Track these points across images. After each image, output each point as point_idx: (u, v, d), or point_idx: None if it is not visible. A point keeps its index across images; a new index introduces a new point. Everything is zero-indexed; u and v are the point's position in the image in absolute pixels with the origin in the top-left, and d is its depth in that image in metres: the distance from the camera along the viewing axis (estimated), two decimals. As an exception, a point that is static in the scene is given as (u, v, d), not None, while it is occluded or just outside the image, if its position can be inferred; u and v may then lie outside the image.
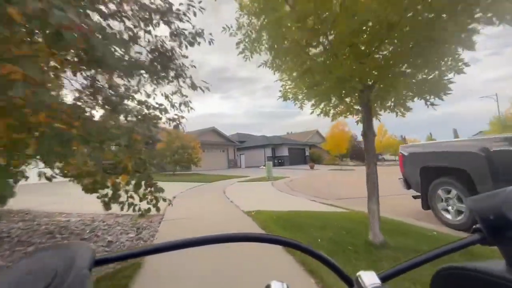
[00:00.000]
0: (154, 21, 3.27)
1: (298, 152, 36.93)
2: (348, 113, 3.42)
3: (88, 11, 2.11)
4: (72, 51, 2.19)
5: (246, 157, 34.52)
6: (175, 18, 3.40)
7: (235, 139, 32.16)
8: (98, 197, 3.14)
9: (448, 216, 4.11)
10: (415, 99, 2.84)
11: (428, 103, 2.68)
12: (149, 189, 3.21)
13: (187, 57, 3.75)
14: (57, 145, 1.79)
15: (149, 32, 3.34)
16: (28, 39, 1.73)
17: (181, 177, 17.78)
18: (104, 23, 2.58)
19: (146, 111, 3.27)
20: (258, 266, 2.56)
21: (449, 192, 4.12)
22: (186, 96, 3.85)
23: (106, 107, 2.91)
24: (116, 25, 2.85)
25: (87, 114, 2.63)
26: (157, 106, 3.35)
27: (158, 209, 3.36)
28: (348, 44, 2.39)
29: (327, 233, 3.54)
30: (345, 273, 0.33)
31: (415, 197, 4.85)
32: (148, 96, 3.63)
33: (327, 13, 2.24)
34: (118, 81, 3.14)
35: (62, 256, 0.25)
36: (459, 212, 3.97)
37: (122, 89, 3.23)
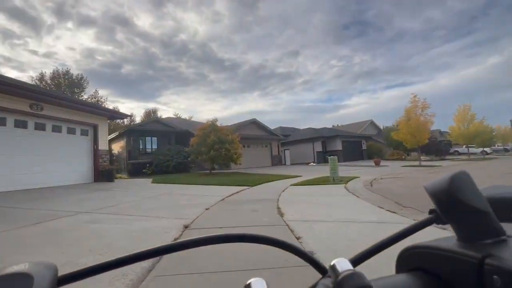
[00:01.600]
0: None
1: (354, 146, 31.34)
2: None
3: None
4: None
5: (291, 152, 30.36)
6: None
7: (278, 133, 28.20)
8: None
9: None
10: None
11: None
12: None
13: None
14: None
15: None
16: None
17: (219, 177, 14.57)
18: None
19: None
20: None
21: None
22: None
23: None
24: None
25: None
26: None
27: None
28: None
29: None
30: (319, 262, 0.35)
31: None
32: None
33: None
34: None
35: (19, 279, 0.23)
36: None
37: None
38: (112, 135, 23.57)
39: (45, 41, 59.49)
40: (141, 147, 24.09)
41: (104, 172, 12.32)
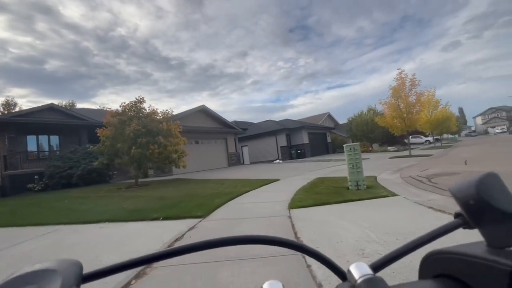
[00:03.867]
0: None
1: (319, 139, 28.00)
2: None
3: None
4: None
5: (250, 149, 25.36)
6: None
7: (235, 125, 22.74)
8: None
9: None
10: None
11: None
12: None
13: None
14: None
15: None
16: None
17: (144, 193, 8.51)
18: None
19: None
20: None
21: None
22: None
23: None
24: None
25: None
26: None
27: None
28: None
29: None
30: (338, 266, 0.34)
31: None
32: None
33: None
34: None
35: (46, 275, 0.24)
36: None
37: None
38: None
39: None
40: (28, 149, 15.88)
41: None
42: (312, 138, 25.56)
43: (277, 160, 21.55)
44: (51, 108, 16.16)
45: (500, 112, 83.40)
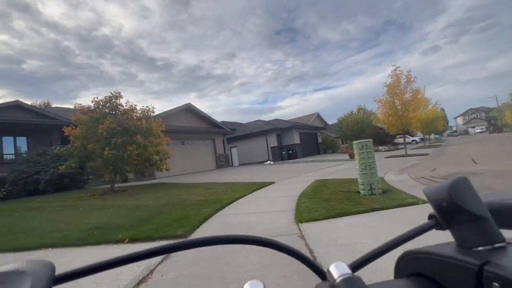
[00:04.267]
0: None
1: (310, 139, 27.32)
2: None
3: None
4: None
5: (239, 150, 24.30)
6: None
7: (223, 125, 21.57)
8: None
9: None
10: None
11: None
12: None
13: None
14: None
15: None
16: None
17: (122, 199, 7.31)
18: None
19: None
20: None
21: None
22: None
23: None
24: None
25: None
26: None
27: None
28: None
29: None
30: (317, 265, 0.35)
31: None
32: None
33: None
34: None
35: (15, 276, 0.23)
36: None
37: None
38: None
39: None
40: (-11, 152, 14.09)
41: None
42: (303, 138, 24.83)
43: (268, 161, 20.61)
44: (17, 106, 14.43)
45: (479, 113, 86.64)
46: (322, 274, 0.34)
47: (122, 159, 9.08)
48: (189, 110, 18.04)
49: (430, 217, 0.34)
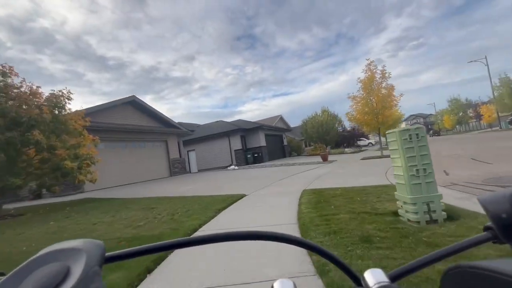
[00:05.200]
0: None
1: (276, 141, 25.60)
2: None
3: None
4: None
5: (198, 154, 21.35)
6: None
7: (177, 131, 18.36)
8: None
9: None
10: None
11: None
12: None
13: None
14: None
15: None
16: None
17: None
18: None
19: None
20: None
21: None
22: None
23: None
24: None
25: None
26: None
27: None
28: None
29: None
30: (353, 271, 0.34)
31: None
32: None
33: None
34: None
35: (73, 253, 0.25)
36: None
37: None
38: None
39: None
40: None
41: None
42: (269, 141, 22.98)
43: (232, 166, 18.15)
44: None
45: (418, 119, 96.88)
46: (357, 279, 0.32)
47: (8, 168, 5.78)
48: (134, 104, 14.63)
49: (486, 228, 0.31)
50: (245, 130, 21.34)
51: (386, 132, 3.13)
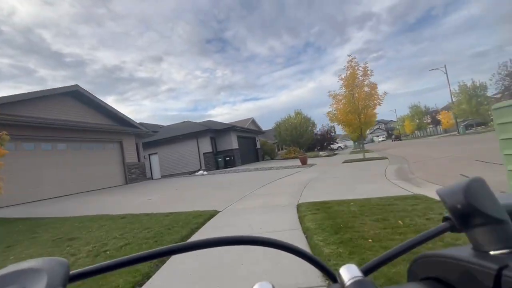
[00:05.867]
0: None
1: (249, 144, 24.01)
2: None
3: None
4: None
5: (161, 158, 18.86)
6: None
7: (138, 125, 15.76)
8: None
9: None
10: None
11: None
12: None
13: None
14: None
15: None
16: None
17: None
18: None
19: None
20: None
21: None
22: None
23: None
24: None
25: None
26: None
27: None
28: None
29: None
30: (328, 268, 0.34)
31: None
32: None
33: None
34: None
35: (32, 274, 0.24)
36: None
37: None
38: None
39: None
40: None
41: None
42: (241, 143, 21.33)
43: (201, 171, 16.09)
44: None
45: (380, 124, 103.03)
46: (332, 276, 0.33)
47: None
48: (76, 96, 11.93)
49: (445, 219, 0.33)
50: (215, 131, 19.44)
51: (493, 108, 1.70)
